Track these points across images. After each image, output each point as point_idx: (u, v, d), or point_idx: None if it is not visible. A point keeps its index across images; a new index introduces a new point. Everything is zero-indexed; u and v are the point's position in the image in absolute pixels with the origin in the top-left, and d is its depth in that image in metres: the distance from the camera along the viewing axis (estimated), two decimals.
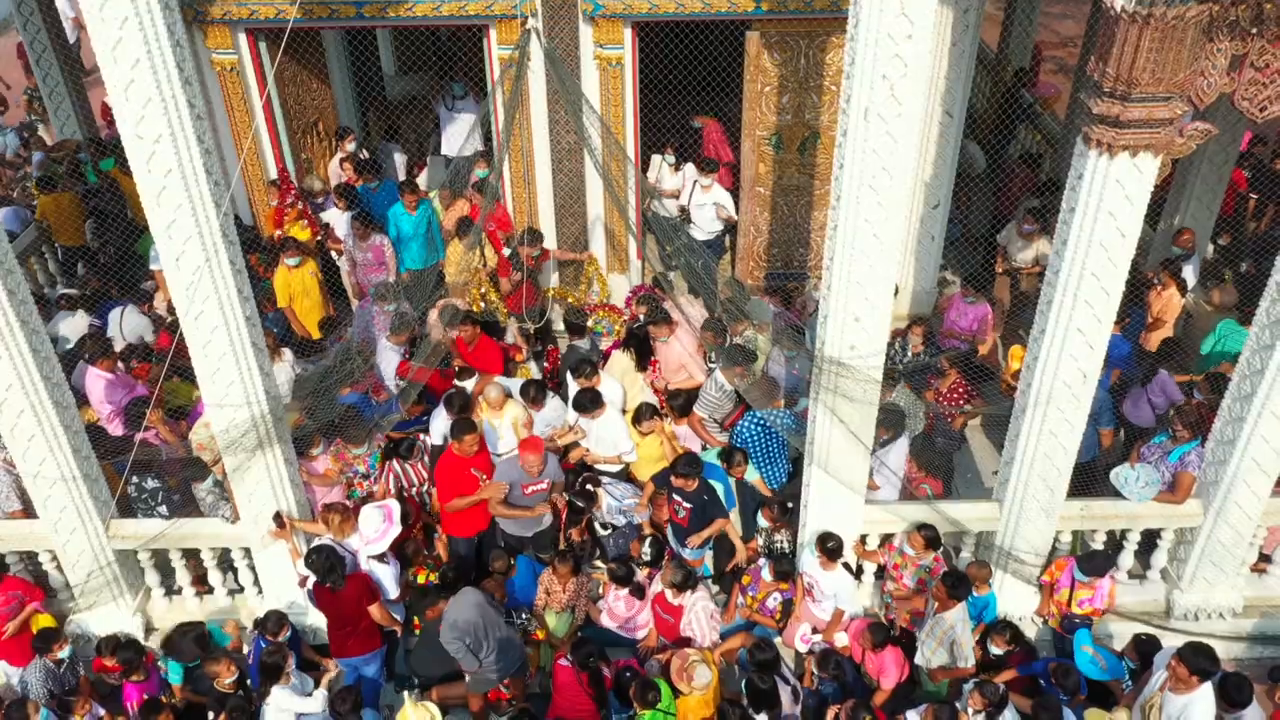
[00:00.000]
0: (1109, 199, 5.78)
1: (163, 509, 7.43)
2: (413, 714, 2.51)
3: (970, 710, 6.71)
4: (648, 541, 7.60)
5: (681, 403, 8.39)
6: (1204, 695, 6.27)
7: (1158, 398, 8.22)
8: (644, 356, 8.71)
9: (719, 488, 7.44)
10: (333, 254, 10.19)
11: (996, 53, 14.40)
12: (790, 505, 7.69)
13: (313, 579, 7.12)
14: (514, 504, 7.57)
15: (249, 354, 6.37)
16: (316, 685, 7.13)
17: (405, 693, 6.12)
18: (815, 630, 7.39)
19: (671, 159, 10.22)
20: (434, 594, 7.23)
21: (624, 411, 8.31)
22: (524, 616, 7.37)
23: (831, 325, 6.28)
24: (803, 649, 7.37)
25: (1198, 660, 6.20)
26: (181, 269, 5.95)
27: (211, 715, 7.06)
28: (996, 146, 11.59)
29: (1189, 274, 9.51)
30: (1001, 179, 11.45)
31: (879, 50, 5.31)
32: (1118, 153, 5.63)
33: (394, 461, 7.86)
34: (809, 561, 7.27)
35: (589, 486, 7.77)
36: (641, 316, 9.10)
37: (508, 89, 8.30)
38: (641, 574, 7.54)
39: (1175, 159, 10.56)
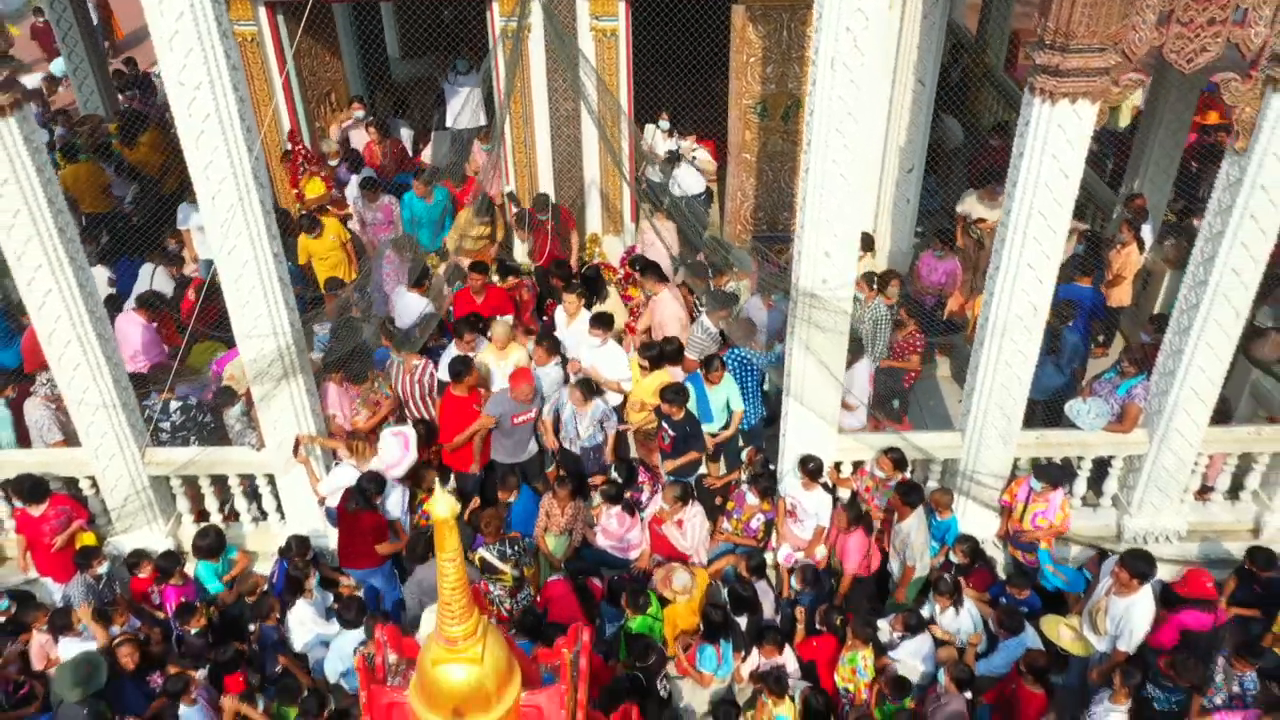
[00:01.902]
0: (1052, 142, 6.43)
1: (209, 419, 8.10)
2: (441, 499, 2.99)
3: (938, 609, 7.39)
4: (612, 467, 8.18)
5: (674, 350, 9.03)
6: (1144, 596, 6.94)
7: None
8: (592, 296, 9.33)
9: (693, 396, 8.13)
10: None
11: (975, 36, 15.09)
12: (772, 468, 8.34)
13: (331, 500, 7.81)
14: (503, 434, 8.21)
15: (275, 288, 7.03)
16: (336, 600, 7.77)
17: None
18: (798, 549, 8.02)
19: (666, 125, 10.86)
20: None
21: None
22: (518, 547, 7.90)
23: (805, 260, 6.94)
24: (785, 564, 8.00)
25: (1137, 564, 6.87)
26: (217, 206, 6.61)
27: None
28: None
29: (1146, 233, 10.16)
30: (975, 150, 12.10)
31: (843, 5, 5.96)
32: (1059, 100, 6.28)
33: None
34: (791, 484, 7.90)
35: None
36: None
37: (508, 48, 8.95)
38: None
39: (1137, 127, 11.26)
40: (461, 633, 3.58)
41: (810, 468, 7.68)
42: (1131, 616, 6.91)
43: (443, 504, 3.27)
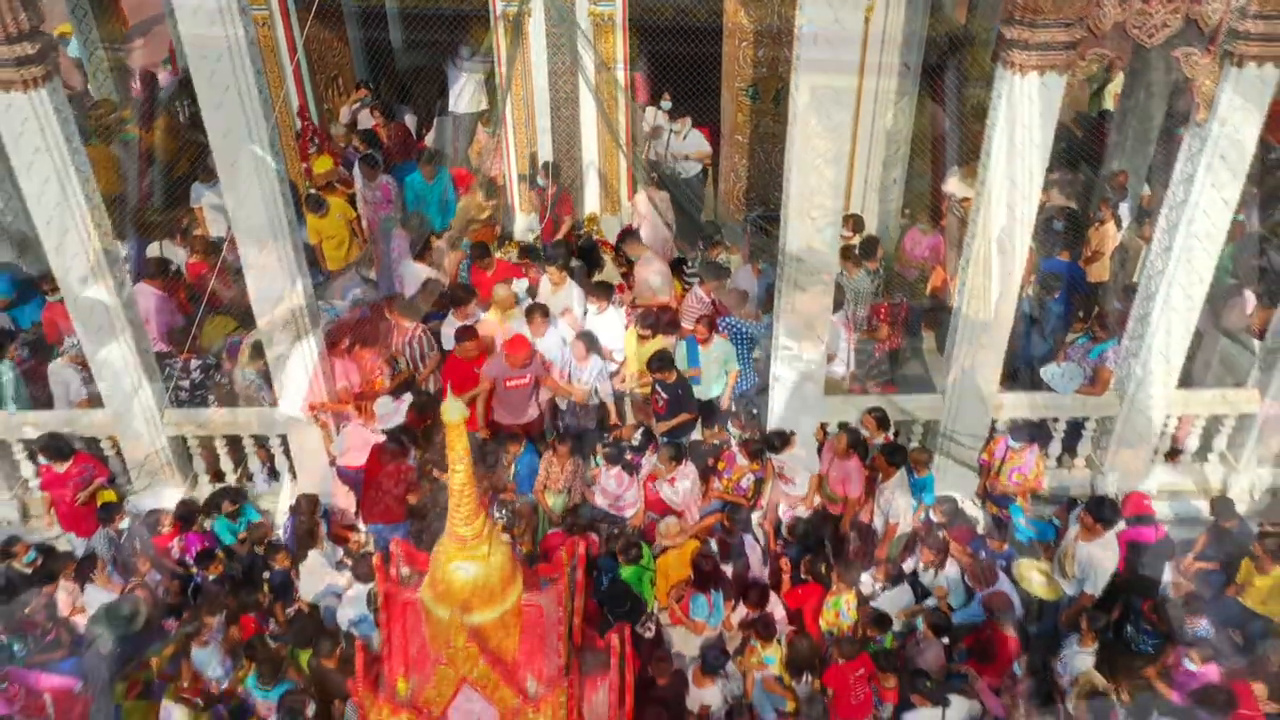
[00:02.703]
0: (1023, 114, 6.82)
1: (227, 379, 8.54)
2: (453, 405, 3.36)
3: (922, 565, 7.78)
4: (640, 430, 8.58)
5: (670, 321, 9.45)
6: (1109, 541, 7.35)
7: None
8: (591, 268, 9.73)
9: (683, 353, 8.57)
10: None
11: (963, 27, 15.47)
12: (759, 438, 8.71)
13: (342, 459, 8.21)
14: (497, 398, 8.57)
15: (289, 252, 7.42)
16: (347, 554, 8.16)
17: None
18: (794, 507, 8.39)
19: (668, 105, 11.19)
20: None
21: None
22: (506, 509, 8.12)
23: (791, 226, 7.35)
24: (783, 518, 8.38)
25: (1101, 511, 7.31)
26: (234, 173, 7.00)
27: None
28: None
29: (1124, 212, 10.56)
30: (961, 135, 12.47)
31: None
32: (1028, 73, 6.69)
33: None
34: None
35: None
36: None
37: (509, 32, 9.37)
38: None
39: (1115, 114, 11.61)
40: (470, 532, 3.98)
41: (774, 444, 8.02)
42: (1097, 560, 7.32)
43: (454, 410, 3.66)
